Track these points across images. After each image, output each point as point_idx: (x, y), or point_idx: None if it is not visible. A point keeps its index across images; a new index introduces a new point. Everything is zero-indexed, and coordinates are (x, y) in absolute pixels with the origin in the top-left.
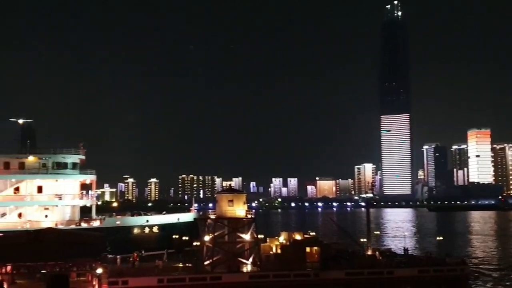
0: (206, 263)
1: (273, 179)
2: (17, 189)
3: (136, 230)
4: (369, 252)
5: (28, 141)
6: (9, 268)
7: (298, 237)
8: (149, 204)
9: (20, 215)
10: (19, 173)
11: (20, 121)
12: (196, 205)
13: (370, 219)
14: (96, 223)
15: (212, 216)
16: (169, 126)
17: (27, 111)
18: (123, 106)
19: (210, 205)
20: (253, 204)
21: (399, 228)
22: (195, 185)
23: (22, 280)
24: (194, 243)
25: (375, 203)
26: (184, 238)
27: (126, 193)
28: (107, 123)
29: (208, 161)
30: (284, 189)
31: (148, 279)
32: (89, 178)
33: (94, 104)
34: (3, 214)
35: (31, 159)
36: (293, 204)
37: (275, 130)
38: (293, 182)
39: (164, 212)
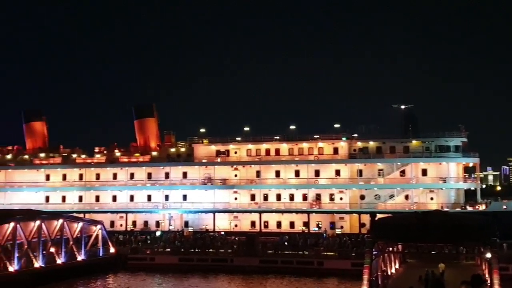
0: None
1: None
2: (402, 172)
3: None
4: None
5: (410, 126)
6: (400, 247)
7: None
8: None
9: (406, 197)
10: (404, 157)
11: (402, 107)
12: None
13: None
14: (481, 207)
15: None
16: None
17: (407, 98)
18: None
19: None
20: None
21: None
22: None
23: (412, 259)
24: None
25: None
26: None
27: (510, 176)
28: (491, 105)
29: None
30: None
31: None
32: (472, 161)
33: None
34: (391, 196)
35: (414, 143)
36: None
37: None
38: None
39: None
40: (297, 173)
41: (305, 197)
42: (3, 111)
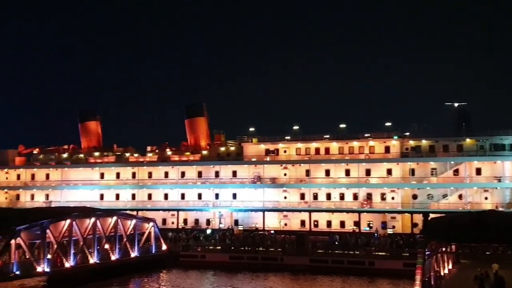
0: None
1: None
2: (456, 171)
3: None
4: None
5: (464, 123)
6: (453, 247)
7: None
8: None
9: (460, 196)
10: (457, 156)
11: (456, 104)
12: None
13: None
14: None
15: None
16: None
17: (461, 95)
18: None
19: None
20: None
21: None
22: None
23: (466, 260)
24: None
25: None
26: None
27: None
28: None
29: None
30: None
31: None
32: None
33: None
34: (444, 195)
35: (468, 141)
36: None
37: None
38: None
39: None
40: (347, 172)
41: (355, 197)
42: (60, 111)
